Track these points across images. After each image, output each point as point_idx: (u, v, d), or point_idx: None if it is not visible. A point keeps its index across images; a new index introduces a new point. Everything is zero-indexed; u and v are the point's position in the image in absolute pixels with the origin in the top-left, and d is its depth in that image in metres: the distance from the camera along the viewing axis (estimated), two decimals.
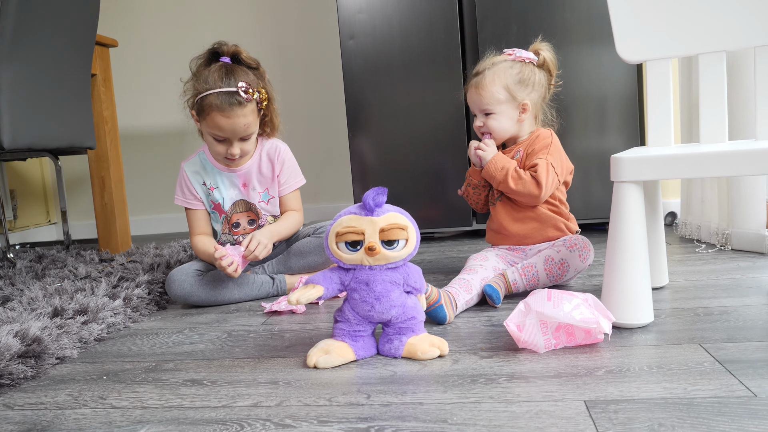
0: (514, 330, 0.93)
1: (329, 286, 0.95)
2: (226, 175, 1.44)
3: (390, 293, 0.94)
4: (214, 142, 1.36)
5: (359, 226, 0.92)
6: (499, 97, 1.31)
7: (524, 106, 1.33)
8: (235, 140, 1.34)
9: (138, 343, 1.16)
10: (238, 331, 1.18)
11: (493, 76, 1.31)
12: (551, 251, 1.27)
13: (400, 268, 0.95)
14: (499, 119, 1.33)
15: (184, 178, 1.45)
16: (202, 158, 1.45)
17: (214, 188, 1.44)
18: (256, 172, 1.45)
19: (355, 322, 0.96)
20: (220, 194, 1.44)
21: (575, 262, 1.26)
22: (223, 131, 1.32)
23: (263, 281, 1.43)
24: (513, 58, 1.33)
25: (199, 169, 1.44)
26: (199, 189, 1.44)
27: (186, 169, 1.44)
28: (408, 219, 0.95)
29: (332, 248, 0.95)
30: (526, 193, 1.28)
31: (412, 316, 0.96)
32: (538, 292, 0.95)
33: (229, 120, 1.30)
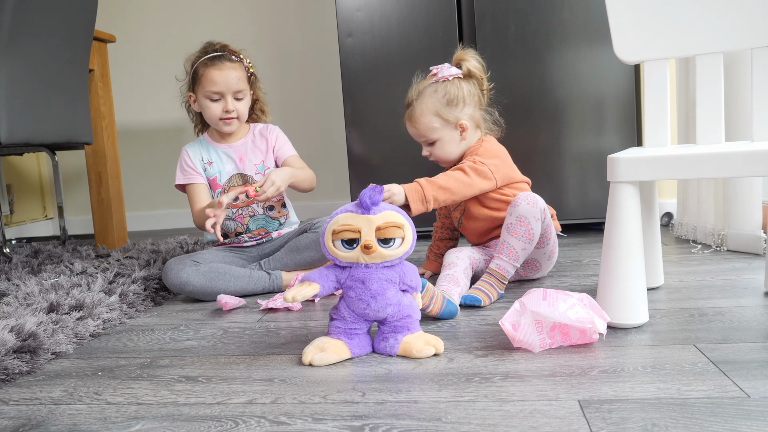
0: (510, 329, 0.93)
1: (325, 284, 0.95)
2: (223, 151, 1.51)
3: (386, 291, 0.94)
4: (210, 104, 1.44)
5: (356, 224, 0.92)
6: (434, 125, 1.31)
7: (461, 125, 1.32)
8: (229, 95, 1.43)
9: (133, 339, 1.16)
10: (233, 328, 1.18)
11: (421, 106, 1.31)
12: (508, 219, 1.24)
13: (396, 266, 0.95)
14: (442, 146, 1.33)
15: (184, 156, 1.51)
16: (201, 140, 1.54)
17: (211, 162, 1.50)
18: (251, 145, 1.53)
19: (350, 320, 0.96)
20: (216, 168, 1.50)
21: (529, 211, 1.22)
22: (217, 84, 1.42)
23: (259, 276, 1.43)
24: (436, 80, 1.32)
25: (199, 148, 1.52)
26: (198, 164, 1.50)
27: (187, 149, 1.52)
28: (404, 217, 0.95)
29: (328, 246, 0.95)
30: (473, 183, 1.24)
31: (407, 315, 0.96)
32: (533, 292, 0.95)
33: (221, 72, 1.42)
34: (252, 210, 1.52)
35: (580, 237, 1.91)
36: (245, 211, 1.51)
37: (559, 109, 1.88)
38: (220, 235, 1.31)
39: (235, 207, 1.50)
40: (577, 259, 1.59)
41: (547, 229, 1.29)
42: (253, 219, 1.53)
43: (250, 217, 1.52)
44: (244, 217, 1.52)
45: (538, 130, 1.88)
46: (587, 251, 1.68)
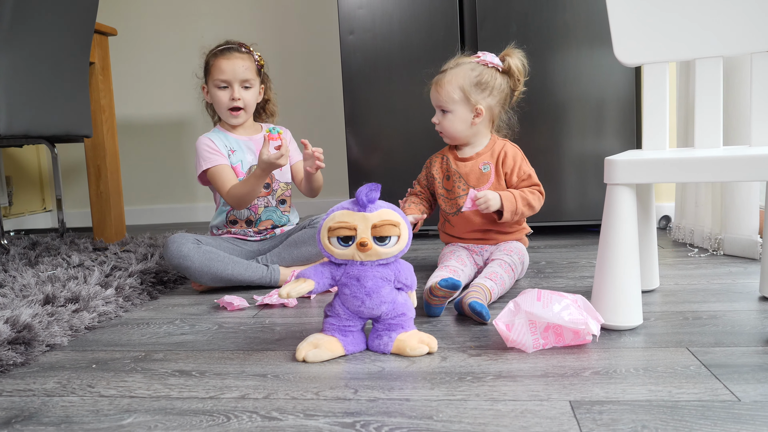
0: (503, 329, 0.93)
1: (320, 281, 0.95)
2: (243, 142, 1.53)
3: (381, 289, 0.94)
4: (218, 92, 1.48)
5: (351, 221, 0.92)
6: (454, 96, 1.33)
7: (478, 110, 1.34)
8: (236, 83, 1.47)
9: (128, 332, 1.16)
10: (228, 323, 1.18)
11: (452, 75, 1.34)
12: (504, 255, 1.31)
13: (392, 264, 0.96)
14: (452, 119, 1.35)
15: (206, 141, 1.50)
16: (217, 131, 1.55)
17: (233, 151, 1.51)
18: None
19: (345, 317, 0.96)
20: (238, 157, 1.51)
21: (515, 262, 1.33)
22: (224, 72, 1.46)
23: (257, 266, 1.43)
24: (478, 61, 1.35)
25: (219, 136, 1.53)
26: (223, 149, 1.51)
27: (207, 135, 1.52)
28: (400, 216, 0.95)
29: (324, 243, 0.95)
30: (537, 210, 1.34)
31: (402, 313, 0.96)
32: (528, 292, 0.95)
33: (229, 61, 1.47)
34: (267, 200, 1.53)
35: (578, 238, 1.91)
36: (260, 201, 1.53)
37: (559, 110, 1.88)
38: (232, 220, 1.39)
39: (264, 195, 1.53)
40: (573, 260, 1.60)
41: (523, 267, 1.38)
42: (266, 210, 1.54)
43: (264, 208, 1.53)
44: (259, 207, 1.53)
45: (538, 131, 1.88)
46: (584, 253, 1.69)
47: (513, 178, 1.35)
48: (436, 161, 1.46)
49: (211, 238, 1.48)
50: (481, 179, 1.38)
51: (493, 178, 1.37)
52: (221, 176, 1.47)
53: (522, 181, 1.35)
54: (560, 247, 1.79)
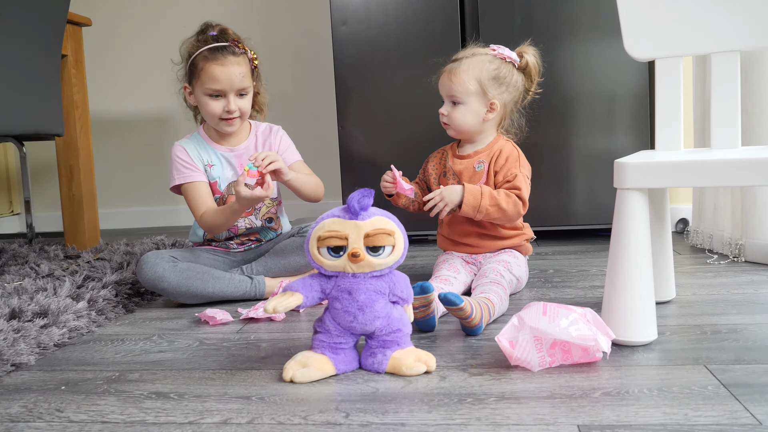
0: (506, 346, 0.93)
1: (309, 294, 0.95)
2: (222, 155, 1.48)
3: (374, 303, 0.94)
4: (210, 101, 1.41)
5: (342, 230, 0.92)
6: (470, 87, 1.34)
7: (492, 105, 1.36)
8: (231, 93, 1.40)
9: (102, 350, 1.15)
10: (210, 339, 1.18)
11: (469, 65, 1.34)
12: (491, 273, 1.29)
13: (386, 276, 0.95)
14: (463, 112, 1.36)
15: (180, 153, 1.46)
16: (196, 137, 1.50)
17: (211, 165, 1.47)
18: (253, 151, 1.50)
19: (336, 334, 0.96)
20: (216, 172, 1.47)
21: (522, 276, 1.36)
22: (219, 82, 1.38)
23: (241, 280, 1.43)
24: (495, 54, 1.36)
25: (196, 146, 1.48)
26: (198, 162, 1.46)
27: (182, 144, 1.47)
28: (395, 224, 0.95)
29: (313, 253, 0.95)
30: (512, 216, 1.33)
31: (397, 329, 0.96)
32: (533, 306, 0.95)
33: (224, 68, 1.38)
34: (250, 222, 1.51)
35: (588, 244, 1.91)
36: (241, 222, 1.50)
37: (567, 106, 1.88)
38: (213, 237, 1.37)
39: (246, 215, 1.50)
40: (583, 268, 1.60)
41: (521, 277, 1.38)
42: (249, 230, 1.53)
43: (246, 229, 1.52)
44: (240, 228, 1.51)
45: (544, 129, 1.88)
46: (595, 260, 1.69)
47: (499, 176, 1.36)
48: (436, 157, 1.47)
49: (189, 251, 1.48)
50: (473, 178, 1.39)
51: (484, 178, 1.38)
52: (194, 195, 1.43)
53: (505, 182, 1.34)
54: (569, 254, 1.79)
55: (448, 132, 1.41)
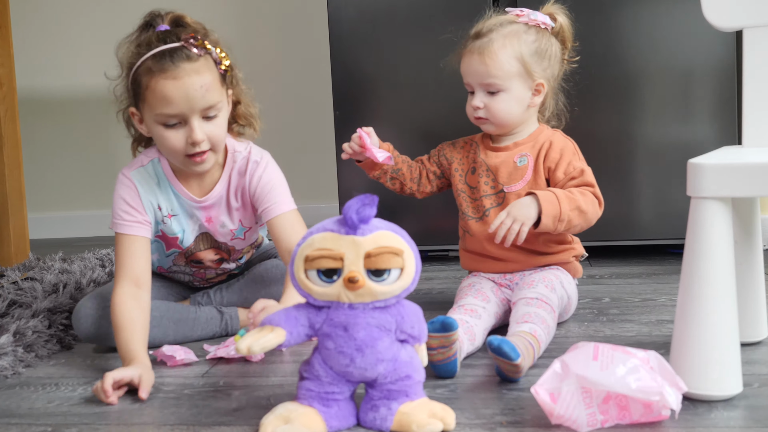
0: (546, 399, 0.94)
1: (293, 330, 0.96)
2: (185, 202, 1.40)
3: (377, 342, 0.95)
4: (166, 132, 1.28)
5: (337, 248, 0.93)
6: (510, 69, 1.35)
7: (539, 86, 1.38)
8: (193, 116, 1.26)
9: (30, 397, 1.17)
10: (169, 385, 1.19)
11: (503, 41, 1.35)
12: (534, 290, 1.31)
13: (392, 307, 0.96)
14: (507, 101, 1.37)
15: (126, 194, 1.36)
16: (156, 169, 1.39)
17: (172, 215, 1.39)
18: (225, 206, 1.41)
19: (327, 381, 0.97)
20: (179, 225, 1.41)
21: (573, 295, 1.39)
22: (173, 102, 1.24)
23: (208, 317, 1.44)
24: (526, 21, 1.37)
25: (154, 187, 1.38)
26: (149, 208, 1.37)
27: (135, 179, 1.37)
28: (404, 240, 0.96)
29: (299, 278, 0.96)
30: (591, 220, 1.34)
31: (406, 375, 0.97)
32: (581, 347, 0.96)
33: (177, 82, 1.24)
34: (224, 268, 1.52)
35: (656, 264, 1.91)
36: (209, 271, 1.52)
37: (630, 85, 1.89)
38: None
39: (199, 268, 1.49)
40: (649, 297, 1.60)
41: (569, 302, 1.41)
42: (220, 274, 1.55)
43: (216, 275, 1.54)
44: (208, 273, 1.53)
45: (600, 113, 1.89)
46: (665, 286, 1.69)
47: (558, 173, 1.37)
48: (461, 149, 1.49)
49: None
50: (513, 175, 1.40)
51: (529, 175, 1.39)
52: (125, 253, 1.33)
53: (570, 180, 1.37)
54: (631, 277, 1.79)
55: (485, 128, 1.43)
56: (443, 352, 1.13)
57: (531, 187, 1.39)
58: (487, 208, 1.42)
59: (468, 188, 1.46)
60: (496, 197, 1.42)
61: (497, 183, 1.41)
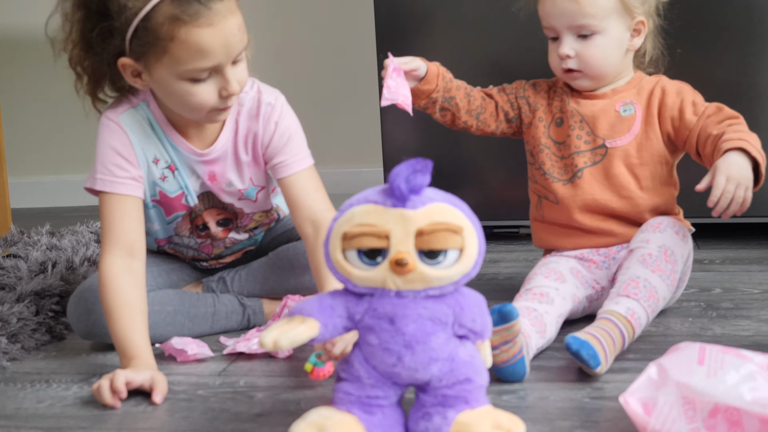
0: (638, 411, 0.94)
1: (329, 321, 0.97)
2: (184, 155, 1.41)
3: (430, 338, 0.95)
4: (193, 88, 1.28)
5: (382, 224, 0.94)
6: (606, 5, 1.35)
7: (639, 24, 1.39)
8: (227, 66, 1.27)
9: (16, 396, 1.20)
10: (179, 384, 1.22)
11: None
12: (648, 243, 1.32)
13: (449, 296, 0.97)
14: (603, 45, 1.38)
15: (116, 140, 1.37)
16: (146, 114, 1.40)
17: (175, 168, 1.41)
18: (232, 159, 1.42)
19: (370, 383, 0.98)
20: (180, 181, 1.42)
21: (678, 245, 1.35)
22: (211, 53, 1.24)
23: (228, 310, 1.48)
24: None
25: (149, 132, 1.39)
26: (144, 166, 1.39)
27: (124, 123, 1.38)
28: (465, 214, 0.96)
29: (336, 259, 0.97)
30: None
31: (465, 378, 0.98)
32: (684, 349, 0.96)
33: (213, 29, 1.23)
34: (232, 239, 1.52)
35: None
36: (217, 243, 1.52)
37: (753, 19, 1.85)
38: None
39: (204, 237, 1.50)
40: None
41: (687, 271, 1.41)
42: (229, 249, 1.56)
43: (225, 248, 1.55)
44: (215, 247, 1.54)
45: (711, 56, 1.86)
46: None
47: (688, 117, 1.38)
48: (545, 91, 1.50)
49: None
50: (617, 127, 1.42)
51: (638, 128, 1.41)
52: (112, 216, 1.33)
53: (708, 117, 1.37)
54: (749, 263, 1.78)
55: (577, 84, 1.43)
56: (506, 350, 1.14)
57: (640, 142, 1.40)
58: (580, 167, 1.43)
59: (553, 143, 1.46)
60: (592, 154, 1.43)
61: (595, 137, 1.42)
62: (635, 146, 1.40)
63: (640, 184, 1.42)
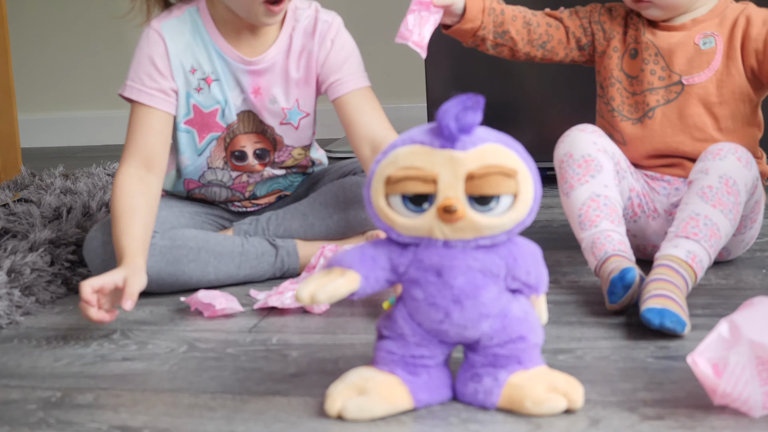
0: (708, 372, 0.94)
1: (370, 274, 0.98)
2: (230, 63, 1.47)
3: (480, 292, 0.96)
4: None
5: (429, 167, 0.94)
6: None
7: None
8: None
9: (32, 353, 1.23)
10: (207, 342, 1.24)
11: None
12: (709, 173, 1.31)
13: (502, 246, 0.97)
14: None
15: (158, 47, 1.46)
16: (194, 21, 1.49)
17: (212, 80, 1.46)
18: (282, 73, 1.47)
19: (414, 342, 0.99)
20: (221, 93, 1.47)
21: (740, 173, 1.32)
22: None
23: (259, 251, 1.49)
24: None
25: (191, 42, 1.48)
26: (180, 76, 1.47)
27: (165, 33, 1.46)
28: (519, 156, 0.96)
29: (378, 205, 0.97)
30: None
31: (518, 336, 0.98)
32: (758, 304, 0.95)
33: None
34: (269, 172, 1.55)
35: None
36: (254, 177, 1.55)
37: None
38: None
39: (239, 170, 1.53)
40: None
41: (755, 207, 1.38)
42: (265, 182, 1.58)
43: (258, 183, 1.57)
44: (249, 184, 1.56)
45: None
46: None
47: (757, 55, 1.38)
48: (621, 17, 1.48)
49: (165, 206, 1.50)
50: (696, 61, 1.41)
51: (718, 62, 1.40)
52: (138, 127, 1.45)
53: None
54: None
55: (648, 12, 1.42)
56: None
57: (721, 78, 1.39)
58: (652, 106, 1.42)
59: (625, 77, 1.46)
60: (666, 92, 1.42)
61: (671, 72, 1.41)
62: (715, 83, 1.39)
63: (719, 125, 1.41)
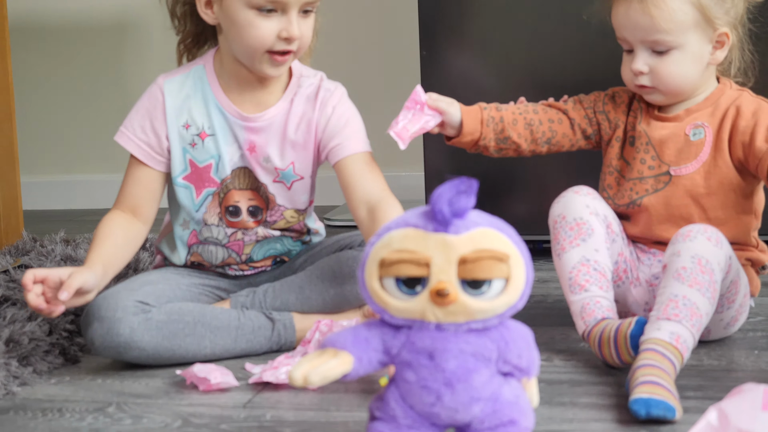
0: None
1: (363, 355, 0.98)
2: (228, 118, 1.51)
3: (472, 375, 0.96)
4: (256, 19, 1.42)
5: (422, 250, 0.94)
6: (684, 19, 1.35)
7: (722, 37, 1.38)
8: (294, 8, 1.42)
9: (27, 426, 1.22)
10: (201, 417, 1.24)
11: None
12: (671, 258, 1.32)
13: (494, 330, 0.97)
14: (680, 61, 1.38)
15: (156, 103, 1.51)
16: (198, 75, 1.54)
17: (207, 135, 1.50)
18: (279, 134, 1.51)
19: (406, 424, 0.99)
20: (215, 148, 1.51)
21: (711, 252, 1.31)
22: None
23: (255, 324, 1.49)
24: None
25: (191, 93, 1.53)
26: (174, 132, 1.51)
27: (166, 89, 1.52)
28: (512, 240, 0.97)
29: (372, 287, 0.97)
30: None
31: (509, 420, 0.98)
32: (747, 392, 0.96)
33: None
34: (264, 231, 1.55)
35: None
36: (249, 235, 1.55)
37: None
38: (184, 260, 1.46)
39: (233, 226, 1.54)
40: None
41: (731, 287, 1.36)
42: (261, 245, 1.59)
43: (256, 243, 1.58)
44: (245, 245, 1.57)
45: None
46: None
47: (758, 143, 1.36)
48: (625, 104, 1.50)
49: (161, 277, 1.52)
50: (684, 153, 1.42)
51: (706, 154, 1.40)
52: (129, 181, 1.53)
53: None
54: None
55: (651, 98, 1.44)
56: None
57: (708, 169, 1.39)
58: (639, 195, 1.44)
59: (623, 164, 1.47)
60: (655, 181, 1.43)
61: (661, 162, 1.42)
62: (702, 174, 1.40)
63: (707, 215, 1.41)
